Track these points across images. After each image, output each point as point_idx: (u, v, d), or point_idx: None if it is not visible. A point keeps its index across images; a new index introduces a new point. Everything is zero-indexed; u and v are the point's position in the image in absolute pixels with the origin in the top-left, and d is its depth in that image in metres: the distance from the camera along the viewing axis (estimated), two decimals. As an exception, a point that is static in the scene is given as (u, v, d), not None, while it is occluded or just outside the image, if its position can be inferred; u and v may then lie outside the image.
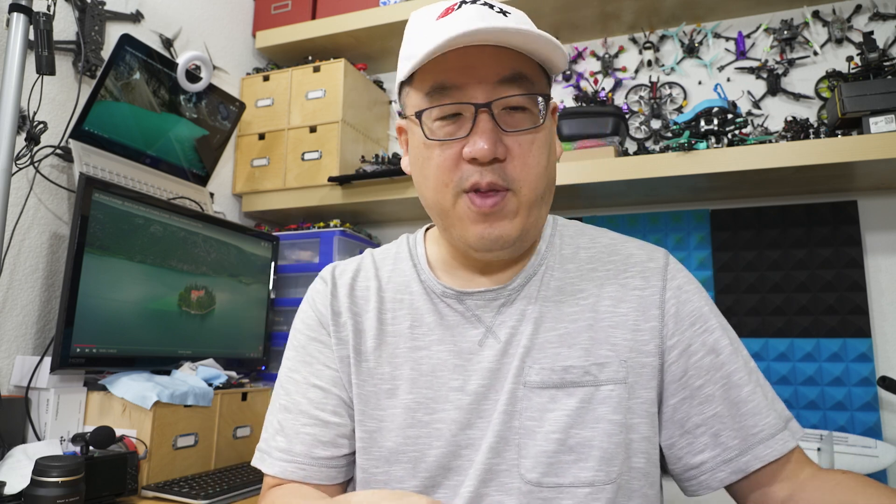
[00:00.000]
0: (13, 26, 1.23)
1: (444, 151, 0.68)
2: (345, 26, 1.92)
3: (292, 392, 0.77)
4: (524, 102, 0.68)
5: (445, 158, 0.68)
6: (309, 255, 1.89)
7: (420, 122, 0.69)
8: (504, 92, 0.66)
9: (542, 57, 0.69)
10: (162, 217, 1.42)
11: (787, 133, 1.51)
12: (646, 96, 1.85)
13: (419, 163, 0.72)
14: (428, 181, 0.71)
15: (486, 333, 0.74)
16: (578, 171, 1.58)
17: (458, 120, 0.68)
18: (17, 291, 1.31)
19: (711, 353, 0.73)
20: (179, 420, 1.26)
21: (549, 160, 0.71)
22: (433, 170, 0.69)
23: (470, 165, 0.67)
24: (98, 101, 1.41)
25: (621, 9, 1.77)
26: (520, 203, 0.68)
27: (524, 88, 0.67)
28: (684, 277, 0.78)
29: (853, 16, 1.66)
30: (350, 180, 1.79)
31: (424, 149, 0.70)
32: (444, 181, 0.68)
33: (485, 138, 0.65)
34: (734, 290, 1.66)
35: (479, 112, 0.66)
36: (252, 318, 1.70)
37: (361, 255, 0.86)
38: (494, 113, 0.66)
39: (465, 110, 0.67)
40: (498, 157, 0.66)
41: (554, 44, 0.65)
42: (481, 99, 0.66)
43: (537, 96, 0.68)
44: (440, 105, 0.67)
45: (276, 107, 1.95)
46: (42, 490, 0.93)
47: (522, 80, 0.67)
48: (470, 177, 0.67)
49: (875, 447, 1.45)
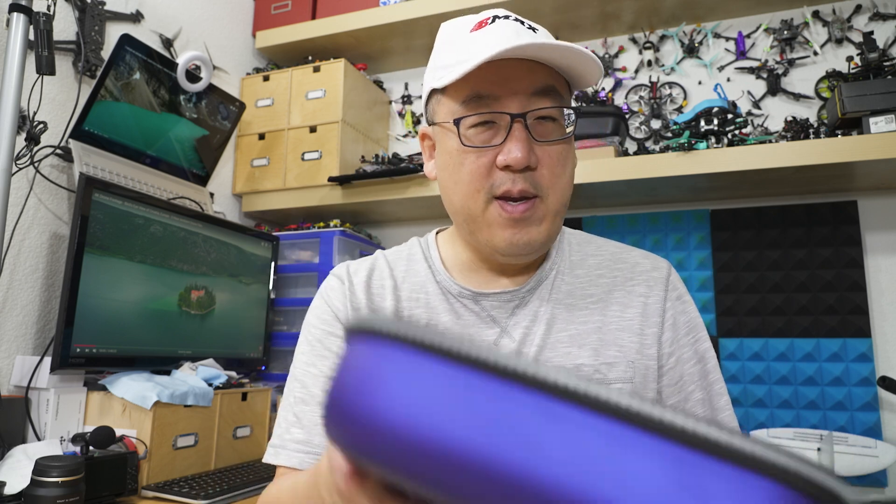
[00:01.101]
0: (13, 26, 1.23)
1: (479, 158, 0.71)
2: (345, 26, 1.92)
3: (310, 385, 0.77)
4: (554, 114, 0.72)
5: (480, 165, 0.71)
6: (309, 255, 1.89)
7: (457, 129, 0.72)
8: (537, 104, 0.70)
9: (576, 71, 0.72)
10: (162, 217, 1.42)
11: (787, 133, 1.52)
12: (646, 96, 1.85)
13: (450, 168, 0.74)
14: (459, 186, 0.73)
15: (501, 333, 0.77)
16: (578, 171, 1.56)
17: (492, 128, 0.71)
18: (17, 291, 1.31)
19: (701, 361, 0.79)
20: (179, 420, 1.26)
21: (573, 170, 0.77)
22: (466, 175, 0.72)
23: (503, 173, 0.70)
24: (98, 101, 1.41)
25: (621, 9, 1.77)
26: (547, 210, 0.72)
27: (555, 101, 0.71)
28: (683, 288, 0.83)
29: (853, 16, 1.66)
30: (350, 180, 1.79)
31: (458, 154, 0.73)
32: (477, 187, 0.71)
33: (519, 147, 0.68)
34: (734, 290, 1.66)
35: (514, 121, 0.69)
36: (252, 318, 1.70)
37: (373, 256, 0.87)
38: (528, 123, 0.70)
39: (500, 119, 0.70)
40: (530, 165, 0.70)
41: (590, 57, 0.69)
42: (516, 109, 0.70)
43: (565, 109, 0.73)
44: (477, 113, 0.71)
45: (276, 107, 1.95)
46: (42, 490, 0.94)
47: (553, 93, 0.71)
48: (503, 184, 0.70)
49: (875, 447, 1.45)
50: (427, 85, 0.77)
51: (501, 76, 0.70)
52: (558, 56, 0.69)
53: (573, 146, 0.77)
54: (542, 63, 0.71)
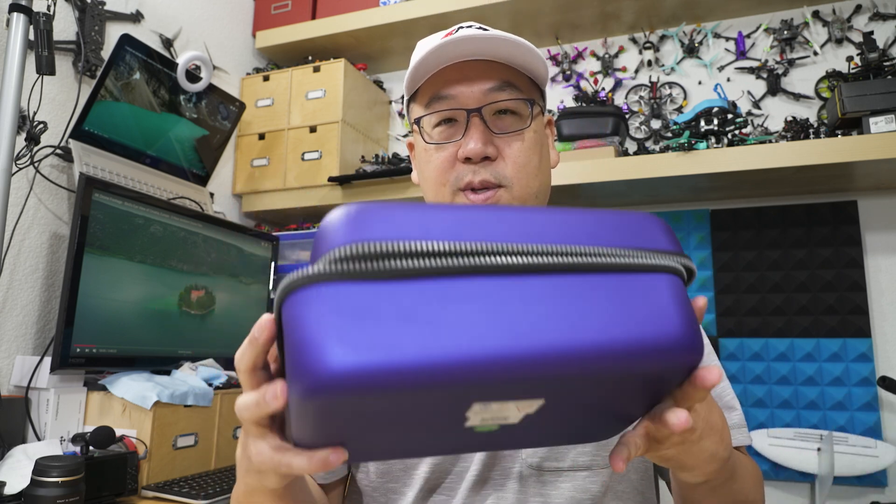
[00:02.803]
0: (13, 26, 1.23)
1: (441, 154, 0.75)
2: (345, 26, 1.92)
3: None
4: (513, 106, 0.74)
5: (443, 160, 0.75)
6: (309, 256, 1.88)
7: (420, 129, 0.77)
8: (494, 98, 0.73)
9: (528, 67, 0.75)
10: (162, 217, 1.42)
11: (787, 133, 1.51)
12: (646, 96, 1.85)
13: (421, 167, 0.79)
14: (428, 182, 0.78)
15: None
16: (578, 171, 1.58)
17: (453, 125, 0.75)
18: (17, 291, 1.31)
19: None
20: (179, 420, 1.26)
21: (542, 162, 0.77)
22: (432, 171, 0.76)
23: (464, 165, 0.73)
24: (98, 101, 1.41)
25: (621, 9, 1.77)
26: (512, 199, 0.74)
27: (512, 95, 0.74)
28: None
29: (853, 16, 1.66)
30: (350, 180, 1.79)
31: (425, 153, 0.77)
32: (442, 181, 0.75)
33: (476, 138, 0.72)
34: (734, 290, 1.66)
35: (471, 116, 0.73)
36: (252, 318, 1.69)
37: None
38: (485, 117, 0.73)
39: (459, 116, 0.74)
40: (489, 156, 0.72)
41: (529, 48, 0.72)
42: (473, 105, 0.73)
43: (525, 101, 0.75)
44: (435, 111, 0.75)
45: (276, 107, 1.95)
46: (42, 490, 0.94)
47: (511, 88, 0.74)
48: (464, 176, 0.73)
49: (875, 447, 1.45)
50: (405, 96, 0.82)
51: (460, 76, 0.73)
52: (505, 49, 0.72)
53: (542, 138, 0.79)
54: (501, 62, 0.74)
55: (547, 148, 0.81)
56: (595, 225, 0.40)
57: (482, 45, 0.71)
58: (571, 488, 0.70)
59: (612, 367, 0.36)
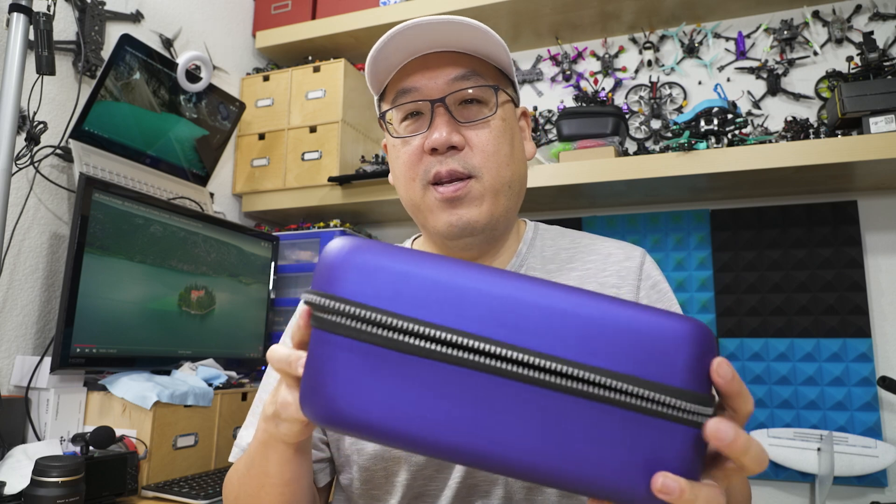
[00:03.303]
0: (13, 26, 1.23)
1: (408, 147, 0.74)
2: (345, 26, 1.92)
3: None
4: (478, 94, 0.73)
5: (410, 154, 0.73)
6: (309, 255, 1.89)
7: (387, 124, 0.76)
8: (458, 87, 0.72)
9: (491, 55, 0.74)
10: (162, 217, 1.42)
11: (787, 133, 1.51)
12: (646, 96, 1.85)
13: (392, 164, 0.78)
14: (399, 179, 0.76)
15: None
16: (578, 171, 1.58)
17: (419, 118, 0.74)
18: (17, 291, 1.31)
19: None
20: (179, 420, 1.26)
21: (514, 151, 0.75)
22: (401, 166, 0.75)
23: (431, 157, 0.72)
24: (98, 101, 1.41)
25: (621, 9, 1.77)
26: (484, 189, 0.72)
27: (477, 83, 0.73)
28: (659, 275, 0.81)
29: (853, 16, 1.66)
30: (350, 180, 1.79)
31: (394, 149, 0.76)
32: (411, 175, 0.74)
33: (440, 128, 0.70)
34: (734, 290, 1.66)
35: (436, 106, 0.72)
36: (252, 318, 1.70)
37: None
38: (450, 107, 0.72)
39: (424, 108, 0.73)
40: (456, 145, 0.71)
41: (487, 32, 0.71)
42: (437, 95, 0.72)
43: (490, 87, 0.73)
44: (398, 105, 0.74)
45: (276, 107, 1.95)
46: (42, 490, 0.94)
47: (475, 77, 0.73)
48: (432, 168, 0.72)
49: (875, 447, 1.45)
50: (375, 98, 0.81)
51: (423, 68, 0.72)
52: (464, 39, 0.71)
53: (511, 127, 0.76)
54: (464, 53, 0.73)
55: (519, 138, 0.78)
56: (613, 337, 0.35)
57: (443, 35, 0.70)
58: (558, 493, 0.69)
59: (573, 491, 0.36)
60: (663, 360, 0.34)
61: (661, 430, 0.34)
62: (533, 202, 1.80)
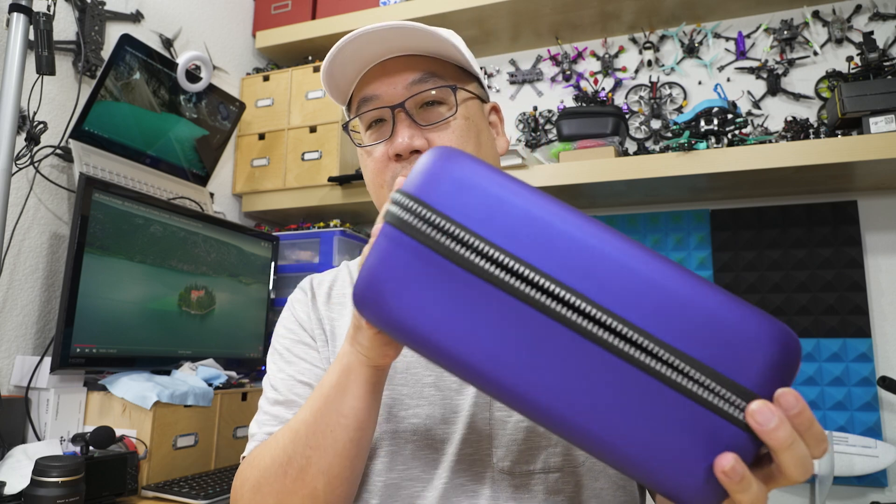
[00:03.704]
0: (13, 26, 1.23)
1: (373, 155, 0.74)
2: (345, 26, 1.92)
3: (281, 389, 0.79)
4: (437, 96, 0.72)
5: (376, 161, 0.74)
6: (309, 255, 1.89)
7: (352, 133, 0.76)
8: (416, 90, 0.72)
9: (447, 54, 0.73)
10: (162, 217, 1.42)
11: (787, 133, 1.52)
12: (646, 96, 1.85)
13: (363, 171, 0.78)
14: (369, 186, 0.77)
15: None
16: (578, 171, 1.58)
17: (382, 126, 0.74)
18: (17, 291, 1.31)
19: None
20: (179, 420, 1.26)
21: (482, 148, 0.75)
22: (369, 174, 0.75)
23: (396, 163, 0.72)
24: (98, 101, 1.41)
25: (621, 9, 1.77)
26: None
27: (435, 84, 0.72)
28: None
29: (853, 16, 1.66)
30: (350, 180, 1.79)
31: (362, 158, 0.77)
32: (379, 182, 0.74)
33: (402, 134, 0.70)
34: (734, 290, 1.66)
35: (396, 112, 0.71)
36: (252, 318, 1.70)
37: (338, 268, 0.91)
38: (410, 111, 0.72)
39: (385, 114, 0.73)
40: (418, 149, 0.70)
41: (440, 36, 0.70)
42: (397, 100, 0.72)
43: (447, 87, 0.72)
44: (358, 114, 0.74)
45: (276, 107, 1.95)
46: (42, 490, 0.94)
47: (433, 79, 0.72)
48: (398, 173, 0.71)
49: (875, 447, 1.45)
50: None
51: (381, 75, 0.72)
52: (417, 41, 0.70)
53: (480, 123, 0.76)
54: (422, 55, 0.73)
55: (488, 134, 0.78)
56: (699, 322, 0.33)
57: (394, 40, 0.70)
58: (544, 490, 0.69)
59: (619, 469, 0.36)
60: (741, 356, 0.33)
61: (718, 426, 0.33)
62: (533, 202, 1.80)
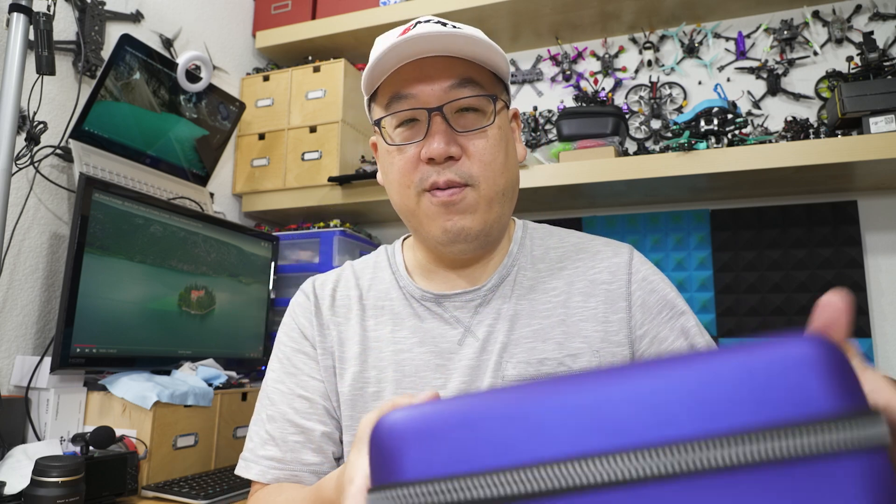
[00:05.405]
0: (13, 26, 1.23)
1: (404, 155, 0.73)
2: (345, 26, 1.92)
3: (278, 402, 0.80)
4: (475, 104, 0.72)
5: (406, 161, 0.73)
6: (309, 255, 1.89)
7: (380, 130, 0.75)
8: (455, 95, 0.71)
9: (488, 62, 0.73)
10: (162, 217, 1.42)
11: (787, 133, 1.51)
12: (646, 96, 1.85)
13: (385, 169, 0.78)
14: (393, 185, 0.76)
15: (465, 333, 0.78)
16: (578, 171, 1.58)
17: (415, 125, 0.73)
18: (17, 291, 1.31)
19: (682, 335, 0.77)
20: (179, 420, 1.26)
21: (508, 158, 0.75)
22: (396, 173, 0.74)
23: (428, 166, 0.71)
24: (98, 101, 1.41)
25: (621, 9, 1.77)
26: (479, 197, 0.72)
27: (474, 91, 0.72)
28: (648, 269, 0.82)
29: (853, 16, 1.66)
30: (350, 180, 1.79)
31: (388, 155, 0.75)
32: (406, 183, 0.73)
33: (438, 139, 0.70)
34: (734, 290, 1.66)
35: (433, 115, 0.71)
36: (252, 318, 1.70)
37: (341, 268, 0.90)
38: (447, 115, 0.71)
39: (420, 115, 0.72)
40: (453, 155, 0.70)
41: (488, 44, 0.70)
42: (434, 104, 0.71)
43: (487, 97, 0.73)
44: (395, 112, 0.73)
45: (276, 107, 1.95)
46: (42, 490, 0.93)
47: (472, 85, 0.72)
48: (429, 177, 0.71)
49: (875, 447, 1.45)
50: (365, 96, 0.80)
51: (419, 74, 0.71)
52: (463, 44, 0.69)
53: (506, 134, 0.76)
54: (461, 58, 0.72)
55: (513, 143, 0.79)
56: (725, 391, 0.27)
57: (440, 42, 0.69)
58: None
59: None
60: (794, 392, 0.27)
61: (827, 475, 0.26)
62: (533, 202, 1.80)
